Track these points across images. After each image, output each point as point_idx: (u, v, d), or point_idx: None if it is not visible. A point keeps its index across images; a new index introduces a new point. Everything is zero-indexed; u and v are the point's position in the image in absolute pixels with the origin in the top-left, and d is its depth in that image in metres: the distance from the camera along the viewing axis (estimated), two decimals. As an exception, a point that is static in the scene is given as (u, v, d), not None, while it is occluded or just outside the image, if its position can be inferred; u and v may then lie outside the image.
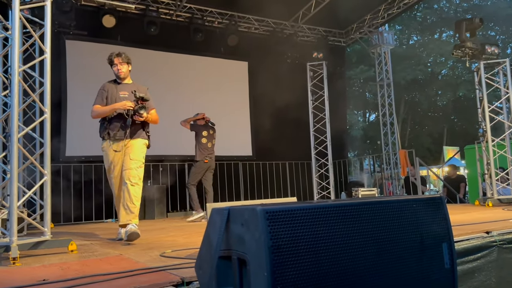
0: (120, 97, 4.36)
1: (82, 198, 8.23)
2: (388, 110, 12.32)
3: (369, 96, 25.32)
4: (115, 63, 4.49)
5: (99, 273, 2.39)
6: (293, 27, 11.24)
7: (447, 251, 1.54)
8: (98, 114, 4.39)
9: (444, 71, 25.66)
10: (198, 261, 1.65)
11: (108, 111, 4.31)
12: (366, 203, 1.46)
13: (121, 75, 4.48)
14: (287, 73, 10.44)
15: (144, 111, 4.25)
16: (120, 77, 4.49)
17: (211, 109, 10.12)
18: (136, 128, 4.34)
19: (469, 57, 7.19)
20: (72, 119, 8.57)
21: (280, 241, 1.25)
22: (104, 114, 4.35)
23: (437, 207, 1.58)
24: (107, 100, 4.39)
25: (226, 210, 1.43)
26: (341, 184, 11.32)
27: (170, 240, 4.17)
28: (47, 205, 3.66)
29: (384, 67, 12.47)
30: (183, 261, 2.63)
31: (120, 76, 4.49)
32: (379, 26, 12.14)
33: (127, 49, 9.27)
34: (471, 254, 3.15)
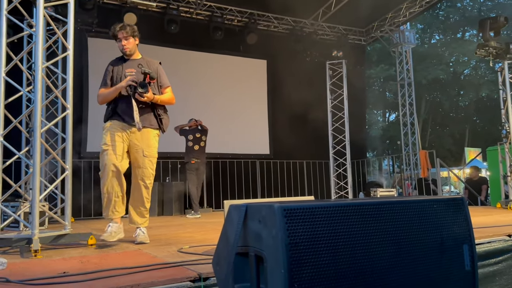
0: (126, 76, 3.77)
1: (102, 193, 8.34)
2: (409, 110, 12.14)
3: (389, 96, 25.02)
4: (119, 37, 3.87)
5: (118, 267, 2.42)
6: (313, 25, 11.18)
7: (468, 253, 1.51)
8: (104, 98, 3.84)
9: (467, 71, 25.17)
10: (216, 257, 1.66)
11: (113, 93, 3.74)
12: (386, 202, 1.44)
13: (126, 51, 3.89)
14: (306, 71, 10.40)
15: (145, 90, 3.57)
16: (126, 53, 3.91)
17: (230, 107, 10.18)
18: (145, 110, 3.74)
19: (493, 57, 7.03)
20: (93, 115, 8.71)
21: (298, 238, 1.25)
22: (109, 97, 3.79)
23: (458, 208, 1.56)
24: (113, 81, 3.83)
25: (244, 207, 1.43)
26: (359, 184, 11.23)
27: (187, 236, 4.20)
28: (68, 200, 3.74)
29: (405, 66, 12.29)
30: (200, 257, 2.65)
31: (126, 52, 3.90)
32: (401, 25, 11.97)
33: (147, 46, 9.39)
34: (492, 257, 3.08)
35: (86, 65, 8.75)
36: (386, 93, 25.43)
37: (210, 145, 9.69)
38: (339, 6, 10.09)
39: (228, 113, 10.18)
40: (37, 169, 3.27)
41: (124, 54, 3.93)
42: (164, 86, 3.97)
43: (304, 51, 10.93)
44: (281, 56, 10.58)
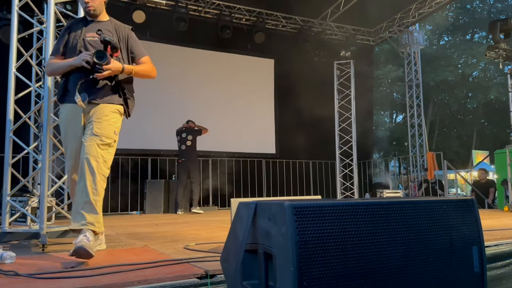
0: (86, 41, 2.91)
1: (108, 189, 8.37)
2: (416, 111, 12.08)
3: (397, 97, 24.91)
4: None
5: (125, 263, 2.44)
6: (321, 25, 11.16)
7: (477, 255, 1.50)
8: (52, 71, 3.03)
9: (475, 73, 25.00)
10: (224, 254, 1.66)
11: (64, 68, 2.90)
12: (395, 202, 1.44)
13: (90, 10, 2.96)
14: (314, 71, 10.39)
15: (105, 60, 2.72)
16: (90, 13, 2.98)
17: (237, 106, 10.20)
18: (107, 87, 2.90)
19: (503, 59, 6.99)
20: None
21: (307, 236, 1.25)
22: (59, 72, 2.97)
23: (468, 209, 1.55)
24: (67, 48, 2.95)
25: (253, 204, 1.44)
26: (365, 185, 11.20)
27: (193, 233, 4.21)
28: (76, 195, 3.75)
29: (413, 67, 12.23)
30: (206, 254, 2.65)
31: (90, 11, 2.97)
32: (410, 26, 11.91)
33: (156, 44, 9.46)
34: (499, 260, 3.06)
35: (95, 62, 8.78)
36: (394, 94, 25.32)
37: (217, 143, 9.74)
38: (348, 6, 10.06)
39: (235, 112, 10.19)
40: (46, 164, 3.30)
41: (87, 14, 3.01)
42: (138, 57, 3.11)
43: (312, 51, 10.93)
44: (289, 56, 10.58)
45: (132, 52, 3.12)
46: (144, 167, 8.98)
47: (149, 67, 3.15)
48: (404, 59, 12.48)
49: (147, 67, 3.13)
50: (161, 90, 9.41)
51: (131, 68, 2.93)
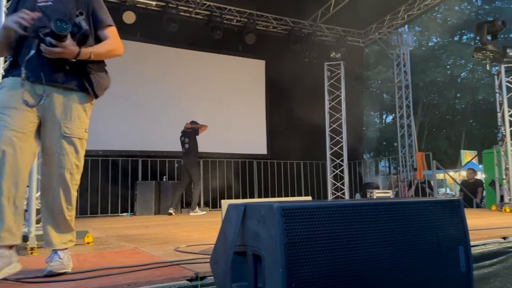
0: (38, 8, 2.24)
1: (98, 191, 8.36)
2: (406, 112, 12.18)
3: (387, 97, 25.08)
4: None
5: (115, 266, 2.43)
6: (312, 26, 11.20)
7: (463, 255, 1.53)
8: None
9: (464, 74, 25.27)
10: (214, 256, 1.67)
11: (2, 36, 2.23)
12: (383, 203, 1.46)
13: None
14: (304, 72, 10.43)
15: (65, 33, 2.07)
16: None
17: (228, 107, 10.20)
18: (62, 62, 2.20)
19: (490, 60, 7.07)
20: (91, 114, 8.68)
21: (296, 238, 1.26)
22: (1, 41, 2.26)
23: (455, 210, 1.57)
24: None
25: (243, 206, 1.44)
26: (355, 185, 11.26)
27: (184, 235, 4.21)
28: (65, 197, 3.72)
29: (402, 68, 12.34)
30: (197, 256, 2.65)
31: None
32: (399, 27, 12.01)
33: (146, 45, 9.43)
34: (487, 259, 3.10)
35: (84, 63, 8.72)
36: (384, 94, 25.49)
37: (208, 144, 9.73)
38: (338, 7, 10.12)
39: (226, 113, 10.19)
40: (34, 167, 3.27)
41: None
42: (102, 25, 2.44)
43: (303, 52, 10.97)
44: (280, 57, 10.60)
45: (95, 17, 2.43)
46: (134, 168, 8.93)
47: (113, 44, 2.43)
48: (394, 60, 12.57)
49: (111, 45, 2.41)
50: (151, 91, 9.38)
51: (88, 52, 2.23)
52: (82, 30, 2.17)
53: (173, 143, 9.35)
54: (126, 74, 9.07)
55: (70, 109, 2.30)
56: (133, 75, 9.17)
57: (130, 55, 9.17)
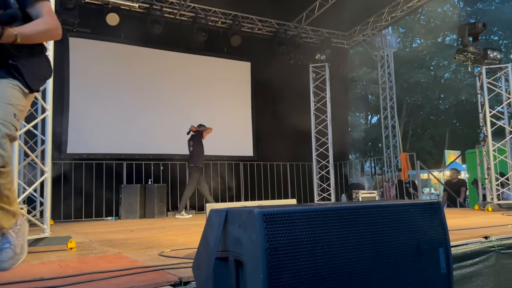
0: None
1: (82, 195, 8.25)
2: (390, 112, 12.31)
3: (371, 99, 25.32)
4: None
5: (97, 271, 2.40)
6: (297, 28, 11.25)
7: (443, 256, 1.54)
8: None
9: (447, 74, 25.64)
10: (196, 261, 1.66)
11: None
12: (363, 207, 1.46)
13: None
14: (290, 74, 10.47)
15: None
16: None
17: (213, 109, 10.17)
18: None
19: (471, 62, 7.18)
20: (74, 116, 8.59)
21: (277, 243, 1.26)
22: None
23: (434, 212, 1.59)
24: None
25: (224, 211, 1.44)
26: (341, 186, 11.33)
27: (169, 239, 4.18)
28: (47, 202, 3.68)
29: (386, 69, 12.46)
30: (181, 261, 2.63)
31: None
32: (383, 29, 12.13)
33: (130, 47, 9.35)
34: (469, 259, 3.15)
35: (67, 65, 8.62)
36: (369, 96, 25.73)
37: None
38: (323, 9, 10.18)
39: (212, 115, 10.16)
40: (15, 171, 3.22)
41: None
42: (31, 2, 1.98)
43: (288, 54, 11.01)
44: (265, 58, 10.61)
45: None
46: (119, 171, 8.84)
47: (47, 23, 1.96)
48: (378, 62, 12.70)
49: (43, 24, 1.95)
50: (135, 93, 9.30)
51: (13, 34, 1.80)
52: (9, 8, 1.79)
53: (157, 146, 9.30)
54: (110, 77, 9.00)
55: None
56: (116, 77, 9.09)
57: (114, 57, 9.13)
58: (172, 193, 9.19)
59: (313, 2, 10.19)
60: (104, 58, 8.96)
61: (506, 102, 7.15)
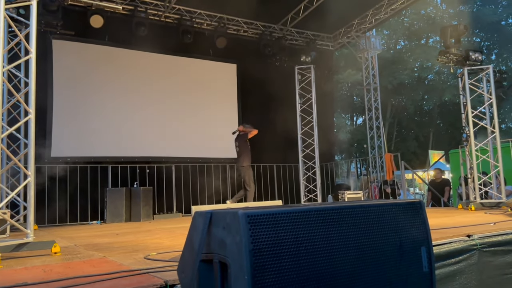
0: None
1: (67, 199, 8.15)
2: (375, 114, 12.43)
3: (357, 100, 25.53)
4: None
5: (82, 275, 2.38)
6: (282, 30, 11.30)
7: (425, 255, 1.57)
8: None
9: (431, 76, 25.99)
10: (181, 264, 1.66)
11: None
12: (346, 207, 1.48)
13: None
14: (276, 76, 10.50)
15: None
16: None
17: (200, 111, 10.15)
18: None
19: (454, 63, 7.31)
20: (58, 120, 8.48)
21: (261, 244, 1.27)
22: None
23: (416, 212, 1.62)
24: None
25: (209, 214, 1.44)
26: (327, 186, 11.39)
27: (155, 242, 4.15)
28: (30, 207, 3.63)
29: (371, 71, 12.59)
30: (167, 264, 2.63)
31: None
32: (367, 31, 12.26)
33: (115, 49, 9.28)
34: (452, 257, 3.20)
35: (51, 68, 8.51)
36: (354, 97, 25.93)
37: (181, 149, 9.66)
38: (307, 12, 10.25)
39: (198, 117, 10.14)
40: (-3, 176, 3.17)
41: None
42: None
43: (274, 56, 11.03)
44: (251, 60, 10.63)
45: None
46: (104, 175, 8.75)
47: None
48: (362, 63, 12.82)
49: None
50: (121, 95, 9.23)
51: None
52: None
53: (143, 148, 9.23)
54: (94, 79, 8.91)
55: None
56: (101, 80, 9.00)
57: (98, 60, 9.04)
58: (158, 196, 9.12)
59: (298, 4, 10.25)
60: (88, 60, 8.87)
61: (488, 102, 7.28)
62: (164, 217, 8.76)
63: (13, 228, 5.29)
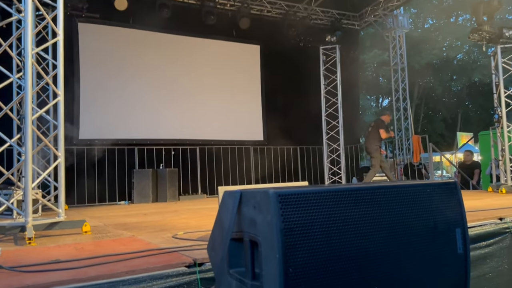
0: None
1: (95, 180, 8.35)
2: (402, 95, 12.16)
3: (383, 81, 25.01)
4: None
5: (113, 253, 2.43)
6: (306, 9, 11.08)
7: (460, 236, 1.53)
8: None
9: (460, 55, 25.20)
10: (211, 242, 1.66)
11: None
12: (379, 187, 1.45)
13: None
14: (300, 57, 10.35)
15: None
16: None
17: (223, 93, 10.14)
18: None
19: (486, 41, 7.03)
20: (85, 102, 8.63)
21: (292, 223, 1.25)
22: None
23: (451, 192, 1.57)
24: None
25: (238, 193, 1.43)
26: (352, 169, 11.28)
27: (182, 222, 4.21)
28: (61, 187, 3.72)
29: (398, 51, 12.26)
30: (195, 243, 2.66)
31: None
32: (394, 9, 11.90)
33: (139, 32, 9.31)
34: (483, 240, 3.13)
35: (77, 51, 8.62)
36: (380, 78, 25.42)
37: (204, 131, 9.71)
38: (333, -10, 10.01)
39: (221, 99, 10.13)
40: (29, 156, 3.25)
41: None
42: None
43: (298, 36, 10.84)
44: (275, 41, 10.49)
45: None
46: (131, 157, 8.91)
47: None
48: (389, 43, 12.49)
49: None
50: (145, 78, 9.29)
51: None
52: None
53: (168, 131, 9.33)
54: (119, 62, 8.99)
55: None
56: (126, 63, 9.08)
57: (123, 43, 9.11)
58: (183, 177, 9.25)
59: (323, -18, 10.02)
60: (113, 43, 8.95)
61: (522, 82, 7.01)
62: (189, 198, 8.88)
63: (44, 207, 5.47)
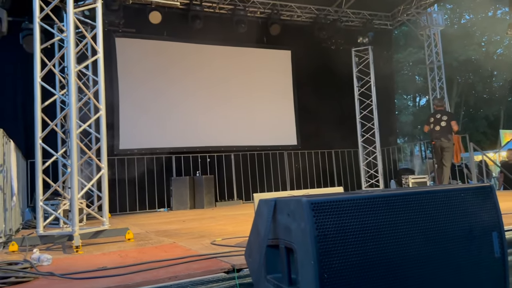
0: None
1: (136, 188, 8.62)
2: (440, 93, 11.84)
3: (419, 79, 24.41)
4: None
5: (156, 260, 2.53)
6: (337, 12, 11.03)
7: (497, 240, 1.52)
8: None
9: (500, 50, 24.25)
10: (248, 249, 1.72)
11: None
12: (413, 193, 1.46)
13: None
14: (332, 59, 10.30)
15: None
16: None
17: (256, 99, 10.24)
18: None
19: (526, 35, 6.78)
20: (124, 114, 8.94)
21: (326, 231, 1.29)
22: None
23: (487, 196, 1.56)
24: None
25: (273, 201, 1.49)
26: (390, 172, 11.09)
27: (219, 228, 4.30)
28: (105, 197, 3.89)
29: (434, 49, 11.97)
30: (232, 249, 2.72)
31: None
32: (428, 7, 11.64)
33: (174, 44, 9.58)
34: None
35: (115, 65, 8.96)
36: (416, 77, 24.82)
37: (238, 137, 9.84)
38: (363, -9, 9.92)
39: (254, 105, 10.24)
40: (75, 169, 3.43)
41: None
42: None
43: (329, 39, 10.80)
44: (306, 46, 10.51)
45: None
46: (168, 165, 9.15)
47: None
48: (424, 41, 12.22)
49: None
50: (179, 87, 9.53)
51: None
52: None
53: (203, 138, 9.51)
54: (154, 73, 9.26)
55: None
56: (162, 74, 9.35)
57: (158, 54, 9.39)
58: (219, 184, 9.41)
59: (353, -16, 9.95)
60: (148, 55, 9.24)
61: None
62: (226, 204, 9.01)
63: (88, 216, 5.71)
